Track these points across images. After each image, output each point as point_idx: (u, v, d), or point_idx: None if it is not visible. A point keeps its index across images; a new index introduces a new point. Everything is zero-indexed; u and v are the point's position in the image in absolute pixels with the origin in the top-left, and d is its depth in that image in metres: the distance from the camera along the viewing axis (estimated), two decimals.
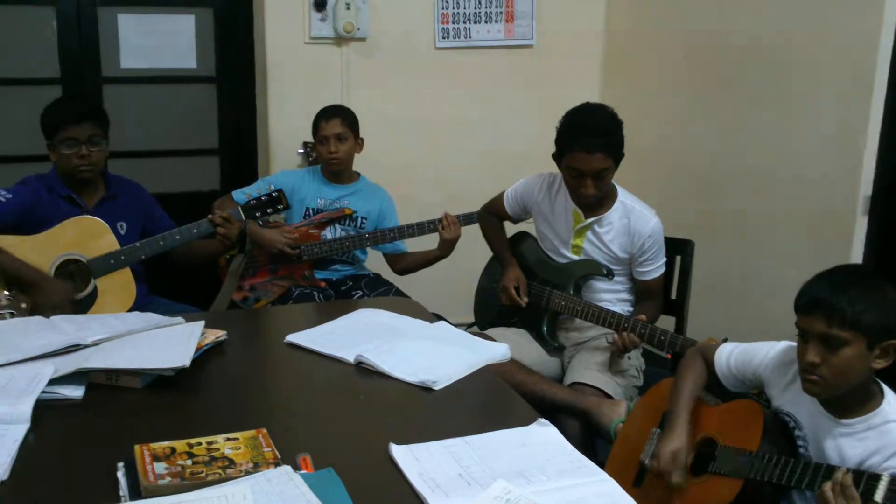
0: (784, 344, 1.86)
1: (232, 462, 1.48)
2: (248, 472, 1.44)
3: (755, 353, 1.96)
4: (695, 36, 3.77)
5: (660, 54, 4.01)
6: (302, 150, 3.85)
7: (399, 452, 1.57)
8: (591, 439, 2.49)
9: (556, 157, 2.66)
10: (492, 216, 3.04)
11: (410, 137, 4.09)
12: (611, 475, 1.50)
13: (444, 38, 4.09)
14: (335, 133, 3.33)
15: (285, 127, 3.76)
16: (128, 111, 3.85)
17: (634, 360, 2.73)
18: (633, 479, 2.04)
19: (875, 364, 1.69)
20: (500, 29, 4.16)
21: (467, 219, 3.27)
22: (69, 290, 2.66)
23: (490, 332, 2.79)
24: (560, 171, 2.69)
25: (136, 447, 1.51)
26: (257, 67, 3.98)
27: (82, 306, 2.68)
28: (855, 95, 2.97)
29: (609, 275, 2.71)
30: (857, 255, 2.99)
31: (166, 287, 3.14)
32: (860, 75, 2.95)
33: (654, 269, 2.72)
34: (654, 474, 1.95)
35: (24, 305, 2.60)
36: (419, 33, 4.06)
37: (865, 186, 2.97)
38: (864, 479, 1.53)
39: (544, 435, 1.68)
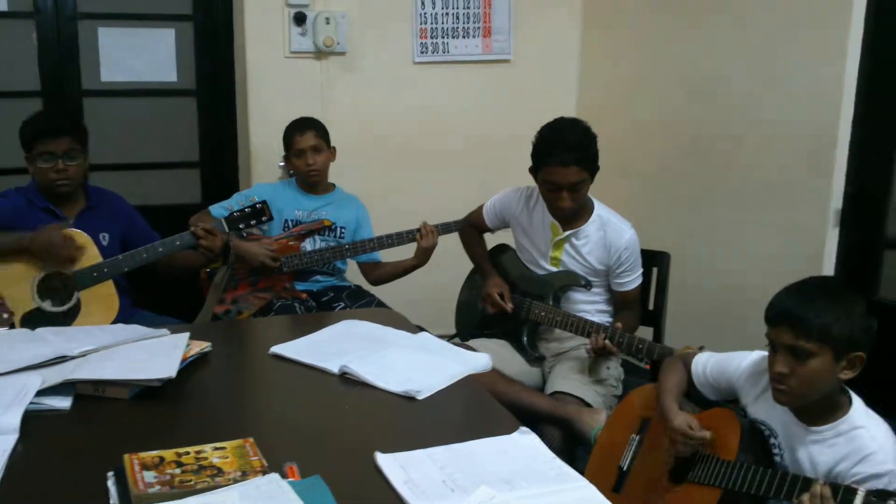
0: (757, 354, 1.91)
1: (220, 470, 1.51)
2: (236, 481, 1.46)
3: (729, 362, 2.01)
4: (667, 49, 3.84)
5: (636, 66, 4.07)
6: (282, 164, 3.88)
7: (384, 460, 1.60)
8: (571, 447, 2.53)
9: (533, 171, 2.71)
10: (472, 228, 3.09)
11: (389, 150, 4.13)
12: (591, 481, 1.54)
13: (422, 52, 4.14)
14: (311, 146, 3.37)
15: (265, 140, 3.79)
16: (108, 124, 3.86)
17: (614, 370, 2.78)
18: (612, 485, 2.09)
19: (842, 375, 1.74)
20: (478, 44, 4.22)
21: (445, 228, 3.32)
22: (56, 227, 2.69)
23: (471, 342, 2.83)
24: (537, 183, 2.74)
25: (126, 456, 1.53)
26: (237, 81, 4.01)
27: (66, 319, 2.68)
28: (825, 109, 3.04)
29: (587, 286, 2.76)
30: (828, 267, 3.06)
31: (150, 300, 3.16)
32: (829, 88, 3.02)
33: (630, 280, 2.78)
34: (635, 480, 1.98)
35: (6, 316, 2.61)
36: (398, 48, 4.10)
37: (836, 199, 3.04)
38: (842, 491, 1.57)
39: (526, 442, 1.72)
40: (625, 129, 4.06)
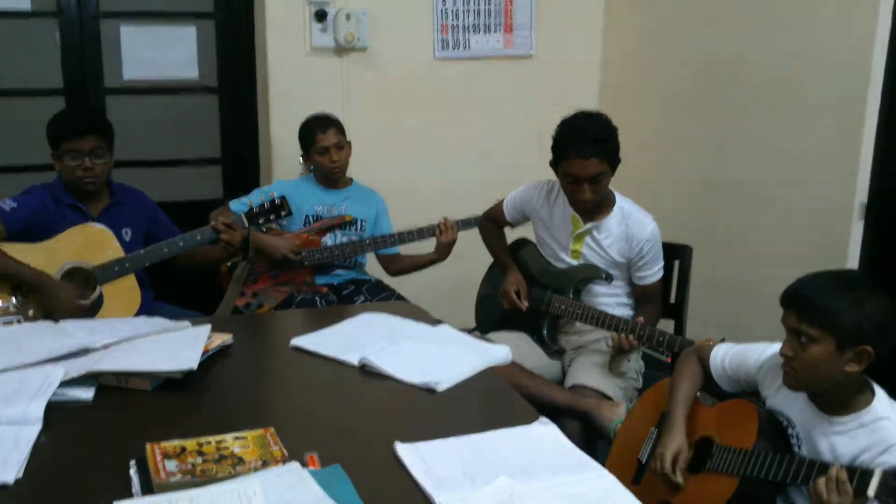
0: (777, 346, 1.90)
1: (241, 460, 1.52)
2: (256, 469, 1.47)
3: (749, 354, 2.00)
4: (692, 47, 3.82)
5: (658, 65, 4.05)
6: (302, 160, 3.89)
7: (404, 450, 1.60)
8: (591, 440, 2.52)
9: (553, 164, 2.70)
10: (492, 223, 3.09)
11: (410, 147, 4.14)
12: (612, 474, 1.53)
13: (443, 48, 4.14)
14: (334, 143, 3.39)
15: (286, 135, 3.79)
16: (131, 121, 3.88)
17: (634, 363, 2.77)
18: (632, 478, 2.08)
19: (848, 367, 1.71)
20: (500, 39, 4.21)
21: (466, 224, 3.33)
22: (75, 292, 2.69)
23: (491, 335, 2.83)
24: (557, 177, 2.73)
25: (148, 445, 1.54)
26: (258, 77, 4.02)
27: (90, 313, 2.70)
28: (850, 103, 3.01)
29: (608, 279, 2.75)
30: (852, 261, 3.03)
31: (171, 294, 3.18)
32: (855, 84, 2.99)
33: (652, 273, 2.77)
34: (654, 473, 1.98)
35: (31, 312, 2.64)
36: (419, 44, 4.10)
37: (861, 193, 3.01)
38: (858, 474, 1.56)
39: (545, 433, 1.72)
40: (648, 124, 4.05)
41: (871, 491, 1.52)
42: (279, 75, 3.91)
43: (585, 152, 2.57)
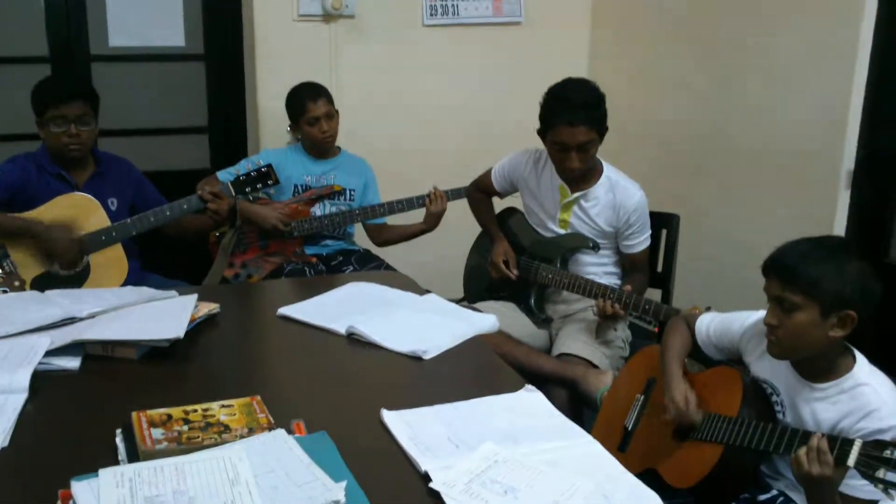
0: (761, 313, 1.90)
1: (227, 427, 1.52)
2: (242, 437, 1.47)
3: (733, 321, 2.01)
4: (679, 8, 3.80)
5: (646, 28, 4.03)
6: (290, 129, 3.87)
7: (390, 417, 1.61)
8: (578, 408, 2.54)
9: (541, 132, 2.69)
10: (480, 192, 3.08)
11: (398, 114, 4.11)
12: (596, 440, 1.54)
13: (431, 15, 4.10)
14: (325, 112, 3.36)
15: (274, 104, 3.77)
16: (117, 89, 3.84)
17: (621, 332, 2.78)
18: (617, 444, 2.10)
19: (832, 333, 1.72)
20: (488, 6, 4.18)
21: (455, 194, 3.32)
22: (73, 234, 2.69)
23: (479, 305, 2.83)
24: (545, 145, 2.72)
25: (134, 414, 1.54)
26: (245, 45, 3.99)
27: (76, 282, 2.70)
28: (838, 70, 3.00)
29: (595, 248, 2.75)
30: (839, 229, 3.04)
31: (159, 264, 3.17)
32: (843, 49, 2.98)
33: (639, 242, 2.77)
34: (639, 440, 1.99)
35: (17, 283, 2.63)
36: (407, 10, 4.06)
37: (848, 160, 3.01)
38: (839, 444, 1.57)
39: (531, 400, 1.73)
40: (636, 92, 4.03)
41: (851, 461, 1.53)
42: (266, 43, 3.87)
43: (573, 120, 2.55)
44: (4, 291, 2.50)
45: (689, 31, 3.75)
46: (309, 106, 3.36)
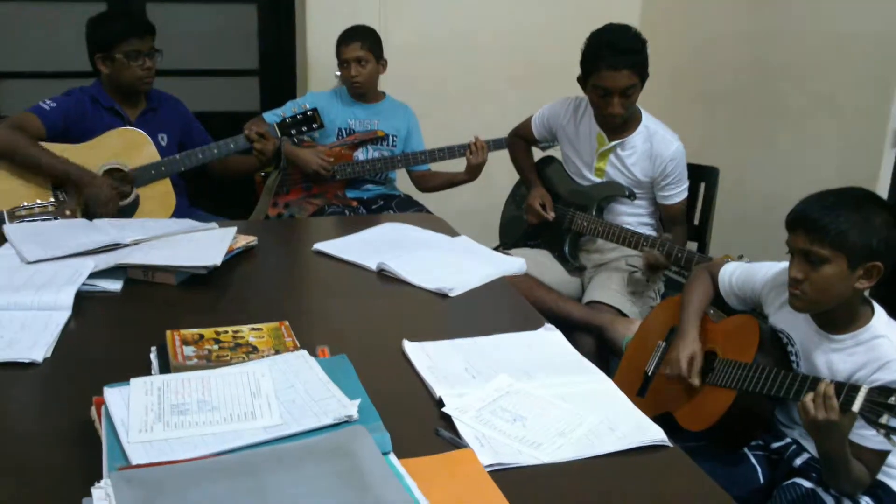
0: (783, 264, 1.91)
1: (255, 349, 1.60)
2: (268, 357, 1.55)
3: (755, 272, 2.02)
4: None
5: None
6: (338, 73, 3.91)
7: (411, 348, 1.67)
8: (604, 355, 2.58)
9: (582, 78, 2.70)
10: (520, 140, 3.11)
11: (446, 62, 4.12)
12: (618, 387, 1.56)
13: None
14: (355, 57, 3.38)
15: (323, 49, 3.81)
16: (170, 30, 3.89)
17: (653, 283, 2.80)
18: (637, 390, 2.13)
19: (858, 284, 1.72)
20: None
21: (497, 144, 3.34)
22: (115, 187, 2.78)
23: (514, 252, 2.87)
24: (585, 93, 2.73)
25: (168, 332, 1.63)
26: None
27: (125, 214, 2.80)
28: (889, 24, 2.94)
29: (631, 196, 2.77)
30: (882, 187, 3.00)
31: (205, 201, 3.27)
32: (892, 10, 2.92)
33: (676, 193, 2.77)
34: (668, 379, 2.02)
35: (68, 213, 2.74)
36: None
37: (894, 119, 2.96)
38: (845, 390, 1.58)
39: (549, 338, 1.78)
40: (685, 45, 3.99)
41: (856, 406, 1.55)
42: None
43: (616, 64, 2.56)
44: (55, 219, 2.60)
45: None
46: (342, 48, 3.40)
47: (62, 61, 3.85)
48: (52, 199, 2.71)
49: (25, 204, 2.50)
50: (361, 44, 3.39)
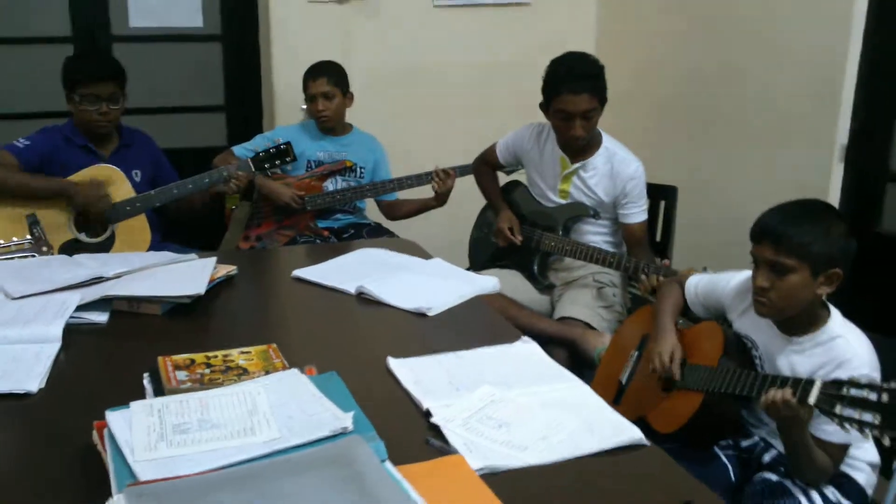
0: (745, 273, 2.02)
1: (245, 370, 1.66)
2: None
3: (718, 281, 2.13)
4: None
5: (655, 11, 4.12)
6: (304, 107, 3.99)
7: (395, 364, 1.74)
8: (577, 367, 2.66)
9: (544, 105, 2.81)
10: (485, 165, 3.21)
11: (409, 94, 4.22)
12: None
13: None
14: (321, 91, 3.46)
15: (289, 84, 3.89)
16: (137, 69, 3.93)
17: (619, 298, 2.91)
18: (612, 399, 2.22)
19: (819, 290, 1.83)
20: None
21: (463, 170, 3.42)
22: (103, 190, 2.83)
23: (485, 273, 2.94)
24: (548, 118, 2.84)
25: (160, 358, 1.67)
26: (261, 26, 4.11)
27: (101, 249, 2.85)
28: (833, 45, 3.08)
29: (595, 215, 2.87)
30: (833, 201, 3.13)
31: (177, 235, 3.31)
32: (836, 24, 3.06)
33: (637, 212, 2.88)
34: (632, 392, 2.12)
35: (44, 249, 2.77)
36: None
37: (842, 135, 3.11)
38: (801, 385, 1.69)
39: (526, 350, 1.86)
40: (639, 68, 4.13)
41: (812, 399, 1.65)
42: (281, 24, 3.98)
43: (577, 88, 2.68)
44: (33, 256, 2.64)
45: (690, 12, 3.84)
46: (309, 83, 3.48)
47: (32, 101, 3.88)
48: (29, 237, 2.74)
49: (2, 242, 2.53)
50: (328, 79, 3.47)
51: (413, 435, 1.48)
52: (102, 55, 3.76)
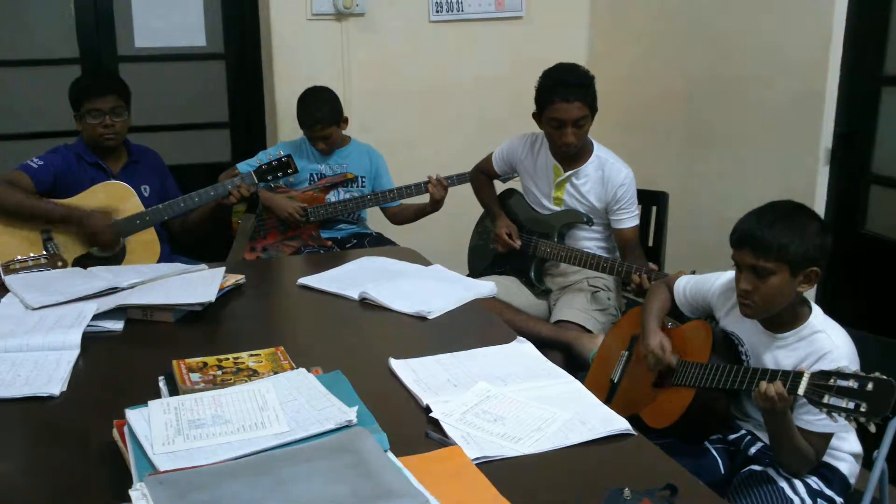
0: (729, 274, 2.11)
1: (255, 372, 1.76)
2: None
3: (704, 282, 2.23)
4: (678, 6, 4.00)
5: (645, 23, 4.23)
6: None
7: (397, 364, 1.83)
8: (573, 370, 2.74)
9: (537, 114, 2.92)
10: (482, 175, 3.31)
11: (407, 106, 4.33)
12: None
13: (437, 11, 4.31)
14: (321, 136, 3.58)
15: (290, 99, 3.98)
16: (143, 88, 4.05)
17: (613, 301, 3.00)
18: (605, 398, 2.31)
19: (800, 288, 1.93)
20: (491, 2, 4.39)
21: (459, 179, 3.53)
22: (110, 219, 2.95)
23: (483, 279, 3.04)
24: (541, 127, 2.95)
25: (174, 362, 1.77)
26: (262, 44, 4.21)
27: (113, 263, 2.94)
28: (815, 55, 3.19)
29: (588, 222, 2.97)
30: (819, 203, 3.23)
31: (185, 248, 3.41)
32: (819, 30, 3.16)
33: (629, 217, 2.98)
34: (624, 390, 2.21)
35: (59, 264, 2.87)
36: (414, 7, 4.27)
37: (826, 139, 3.21)
38: (790, 377, 1.78)
39: (521, 349, 1.96)
40: (630, 79, 4.23)
41: (801, 390, 1.74)
42: (282, 41, 4.09)
43: (568, 96, 2.79)
44: (49, 269, 2.74)
45: (680, 25, 3.94)
46: (307, 127, 3.59)
47: (41, 121, 3.99)
48: (44, 252, 2.85)
49: (19, 257, 2.63)
50: (322, 126, 3.55)
51: (414, 429, 1.57)
52: (104, 72, 3.89)
